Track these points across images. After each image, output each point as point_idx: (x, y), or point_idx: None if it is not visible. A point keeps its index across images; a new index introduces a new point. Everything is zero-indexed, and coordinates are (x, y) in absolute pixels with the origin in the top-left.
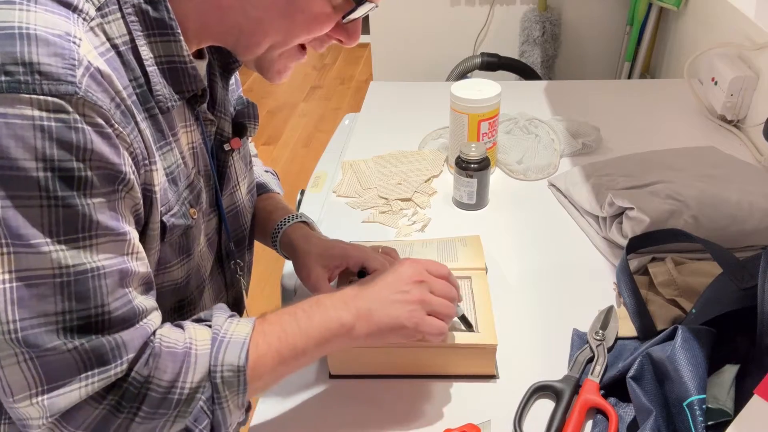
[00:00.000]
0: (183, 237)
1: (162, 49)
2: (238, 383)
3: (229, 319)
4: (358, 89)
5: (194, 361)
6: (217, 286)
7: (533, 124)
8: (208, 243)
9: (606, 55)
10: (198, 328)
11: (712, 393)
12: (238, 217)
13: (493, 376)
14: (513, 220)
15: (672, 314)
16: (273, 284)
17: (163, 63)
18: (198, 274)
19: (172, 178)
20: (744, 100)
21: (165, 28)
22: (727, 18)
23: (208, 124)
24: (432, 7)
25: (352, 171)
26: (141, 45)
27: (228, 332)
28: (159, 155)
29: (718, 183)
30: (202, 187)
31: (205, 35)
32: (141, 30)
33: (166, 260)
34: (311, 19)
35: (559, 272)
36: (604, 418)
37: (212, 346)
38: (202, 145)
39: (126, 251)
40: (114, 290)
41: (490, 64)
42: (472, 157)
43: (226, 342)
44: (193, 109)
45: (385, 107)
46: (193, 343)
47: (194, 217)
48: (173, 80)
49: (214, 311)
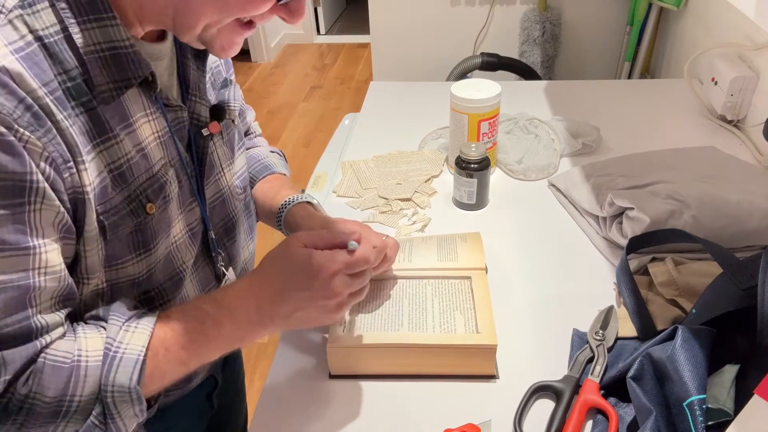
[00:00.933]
0: (136, 233)
1: (100, 35)
2: (131, 400)
3: (125, 326)
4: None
5: (83, 374)
6: (205, 277)
7: (533, 124)
8: (190, 233)
9: (606, 55)
10: (90, 337)
11: (712, 393)
12: (225, 205)
13: (493, 376)
14: (513, 220)
15: (672, 314)
16: None
17: (103, 50)
18: (169, 266)
19: (119, 173)
20: (744, 100)
21: (99, 12)
22: (727, 18)
23: (176, 110)
24: (432, 7)
25: (352, 171)
26: (75, 33)
27: (121, 346)
28: (96, 152)
29: (718, 183)
30: (169, 179)
31: (144, 17)
32: (74, 17)
33: (116, 256)
34: None
35: (559, 272)
36: (604, 418)
37: (103, 361)
38: (169, 134)
39: (31, 266)
40: (8, 307)
41: (490, 64)
42: (472, 157)
43: (118, 359)
44: (151, 95)
45: (385, 107)
46: (83, 356)
47: (150, 212)
48: (117, 67)
49: (110, 313)
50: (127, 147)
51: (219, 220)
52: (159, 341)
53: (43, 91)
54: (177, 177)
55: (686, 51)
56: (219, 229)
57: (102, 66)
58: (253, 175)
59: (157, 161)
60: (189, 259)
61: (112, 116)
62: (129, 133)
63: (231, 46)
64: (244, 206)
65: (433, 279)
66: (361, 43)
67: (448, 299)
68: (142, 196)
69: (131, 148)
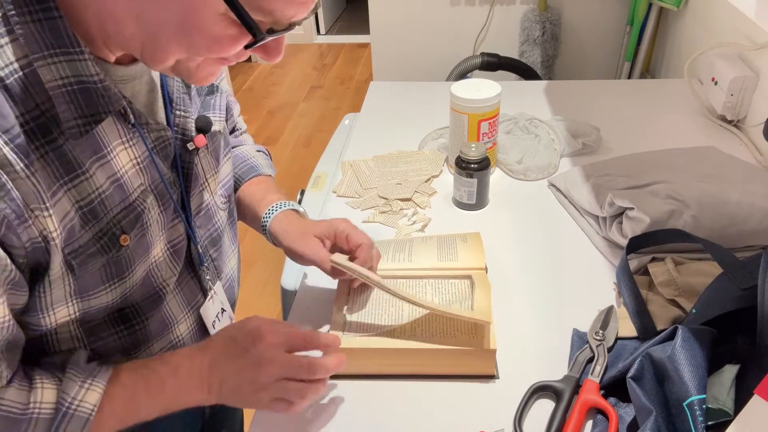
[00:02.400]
0: (109, 265)
1: (68, 69)
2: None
3: (81, 382)
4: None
5: (34, 425)
6: (190, 293)
7: (533, 124)
8: (172, 250)
9: (606, 55)
10: (47, 388)
11: (712, 393)
12: (210, 216)
13: (493, 376)
14: (513, 220)
15: (672, 314)
16: (273, 284)
17: (72, 84)
18: (146, 286)
19: (89, 209)
20: (744, 100)
21: (66, 45)
22: (727, 18)
23: (159, 131)
24: (432, 7)
25: (352, 171)
26: (39, 66)
27: (74, 402)
28: (63, 191)
29: (718, 183)
30: (147, 206)
31: (111, 45)
32: (39, 50)
33: (86, 288)
34: (211, 41)
35: (559, 272)
36: (604, 418)
37: (55, 416)
38: (149, 158)
39: None
40: None
41: (490, 64)
42: (472, 157)
43: (69, 416)
44: (127, 124)
45: (385, 107)
46: (36, 408)
47: (125, 244)
48: (86, 102)
49: (69, 364)
50: (98, 181)
51: (204, 232)
52: (106, 398)
53: (2, 140)
54: (158, 200)
55: (686, 51)
56: (204, 241)
57: (69, 101)
58: (239, 176)
59: (135, 188)
60: (170, 277)
61: (83, 150)
62: (102, 165)
63: (207, 78)
64: (227, 215)
65: (433, 279)
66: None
67: (448, 299)
68: (116, 228)
69: (104, 180)
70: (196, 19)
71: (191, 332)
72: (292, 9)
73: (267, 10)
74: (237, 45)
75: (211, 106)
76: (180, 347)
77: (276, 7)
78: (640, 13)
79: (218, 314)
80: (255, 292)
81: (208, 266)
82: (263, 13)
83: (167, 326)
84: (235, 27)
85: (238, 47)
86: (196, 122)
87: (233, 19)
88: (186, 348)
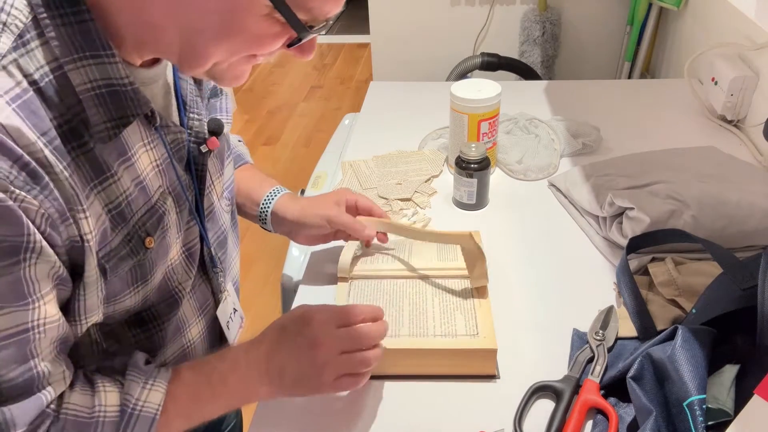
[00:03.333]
0: (135, 268)
1: (98, 72)
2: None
3: (144, 383)
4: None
5: (101, 428)
6: (201, 296)
7: (533, 124)
8: (187, 253)
9: (606, 55)
10: (110, 391)
11: (712, 393)
12: (216, 219)
13: (493, 376)
14: (513, 220)
15: (672, 314)
16: (273, 284)
17: (101, 87)
18: (163, 289)
19: (118, 212)
20: (744, 100)
21: (96, 48)
22: (727, 18)
23: (176, 133)
24: (432, 7)
25: (352, 171)
26: (69, 70)
27: (139, 403)
28: (94, 194)
29: (718, 183)
30: (167, 208)
31: (144, 51)
32: (69, 53)
33: (114, 293)
34: (253, 40)
35: (559, 272)
36: (604, 418)
37: (121, 418)
38: (168, 160)
39: (30, 319)
40: (10, 362)
41: (490, 64)
42: (472, 157)
43: (135, 417)
44: (151, 127)
45: (385, 107)
46: (101, 411)
47: (149, 246)
48: (114, 105)
49: (130, 366)
50: (125, 183)
51: (213, 234)
52: (170, 397)
53: (41, 143)
54: (175, 202)
55: (686, 51)
56: (214, 243)
57: (99, 104)
58: None
59: (156, 191)
60: (186, 280)
61: (110, 153)
62: (127, 168)
63: (242, 75)
64: (231, 217)
65: (433, 278)
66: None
67: (448, 299)
68: (141, 231)
69: (130, 183)
70: (240, 22)
71: (202, 336)
72: (329, 4)
73: (307, 7)
74: (278, 42)
75: (218, 108)
76: (191, 351)
77: (315, 5)
78: (640, 13)
79: (231, 314)
80: (255, 291)
81: (219, 267)
82: (304, 10)
83: (180, 330)
84: (278, 25)
85: (279, 45)
86: (209, 125)
87: (276, 17)
88: (241, 344)
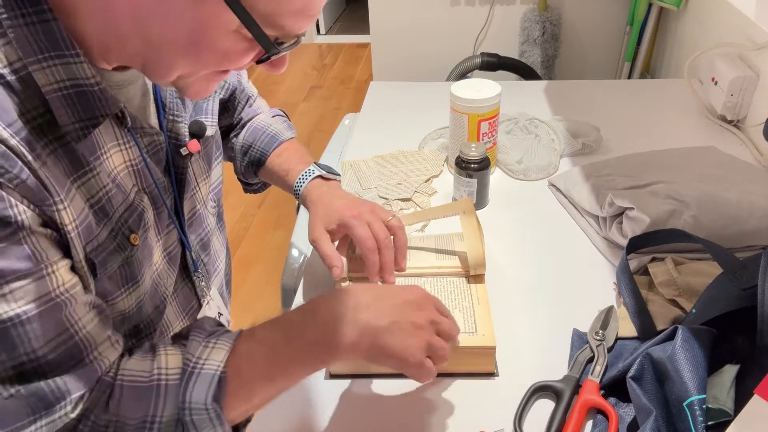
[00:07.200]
0: (124, 267)
1: (64, 73)
2: (210, 419)
3: (206, 341)
4: (358, 89)
5: (164, 393)
6: (185, 299)
7: (533, 124)
8: (168, 258)
9: (606, 55)
10: (171, 354)
11: (712, 393)
12: (200, 222)
13: (492, 373)
14: (513, 220)
15: (672, 314)
16: (273, 284)
17: (68, 87)
18: (155, 295)
19: (100, 207)
20: (744, 100)
21: (60, 49)
22: (727, 18)
23: (152, 135)
24: (432, 7)
25: (352, 171)
26: (35, 70)
27: (200, 361)
28: (75, 188)
29: (718, 183)
30: (144, 206)
31: (110, 57)
32: (33, 54)
33: (105, 294)
34: (221, 55)
35: (559, 272)
36: (604, 418)
37: (181, 377)
38: (143, 162)
39: (52, 287)
40: (44, 333)
41: (490, 64)
42: (472, 157)
43: (195, 375)
44: (123, 127)
45: (385, 107)
46: (162, 374)
47: (135, 243)
48: (82, 105)
49: (193, 329)
50: (103, 179)
51: (195, 237)
52: (244, 357)
53: (8, 132)
54: (153, 203)
55: (686, 51)
56: (196, 246)
57: (66, 105)
58: (262, 149)
59: (131, 189)
60: (170, 285)
61: (85, 149)
62: (101, 165)
63: (205, 91)
64: (216, 219)
65: (432, 277)
66: (361, 43)
67: (447, 297)
68: (125, 227)
69: (107, 179)
70: (207, 37)
71: None
72: (301, 22)
73: (278, 24)
74: (246, 58)
75: (204, 110)
76: None
77: (287, 23)
78: (640, 13)
79: (216, 317)
80: (255, 292)
81: (202, 272)
82: (274, 27)
83: (164, 334)
84: (245, 41)
85: (247, 61)
86: (190, 127)
87: (245, 34)
88: (318, 296)
